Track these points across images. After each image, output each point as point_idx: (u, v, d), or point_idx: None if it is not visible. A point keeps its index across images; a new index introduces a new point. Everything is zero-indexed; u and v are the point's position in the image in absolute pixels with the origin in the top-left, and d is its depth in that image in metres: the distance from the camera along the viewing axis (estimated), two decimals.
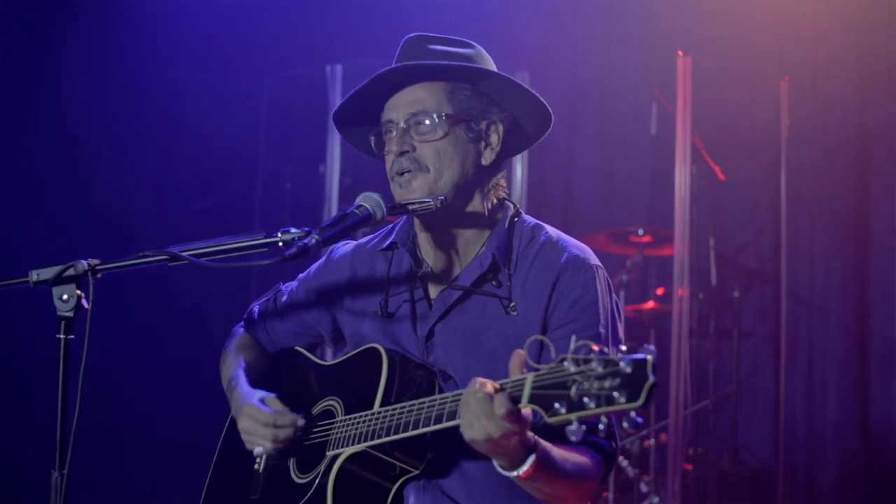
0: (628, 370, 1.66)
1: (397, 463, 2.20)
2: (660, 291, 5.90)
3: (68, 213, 5.75)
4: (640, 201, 6.37)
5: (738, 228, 6.20)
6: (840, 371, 5.92)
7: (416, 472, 2.22)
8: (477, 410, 1.85)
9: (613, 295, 2.34)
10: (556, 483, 2.05)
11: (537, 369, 1.79)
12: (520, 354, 1.87)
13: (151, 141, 6.10)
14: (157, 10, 6.09)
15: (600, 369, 1.68)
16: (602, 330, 2.24)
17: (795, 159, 5.92)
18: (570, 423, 1.70)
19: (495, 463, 1.95)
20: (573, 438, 1.70)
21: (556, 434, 2.03)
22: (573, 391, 1.70)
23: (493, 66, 2.37)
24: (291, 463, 2.39)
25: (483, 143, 2.33)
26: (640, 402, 1.64)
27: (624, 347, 1.73)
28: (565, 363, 1.73)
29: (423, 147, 2.27)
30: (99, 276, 2.10)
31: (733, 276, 6.00)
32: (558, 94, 6.40)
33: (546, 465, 1.97)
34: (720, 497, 5.58)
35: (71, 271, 2.08)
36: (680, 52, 5.31)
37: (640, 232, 5.71)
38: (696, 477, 5.54)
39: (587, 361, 1.70)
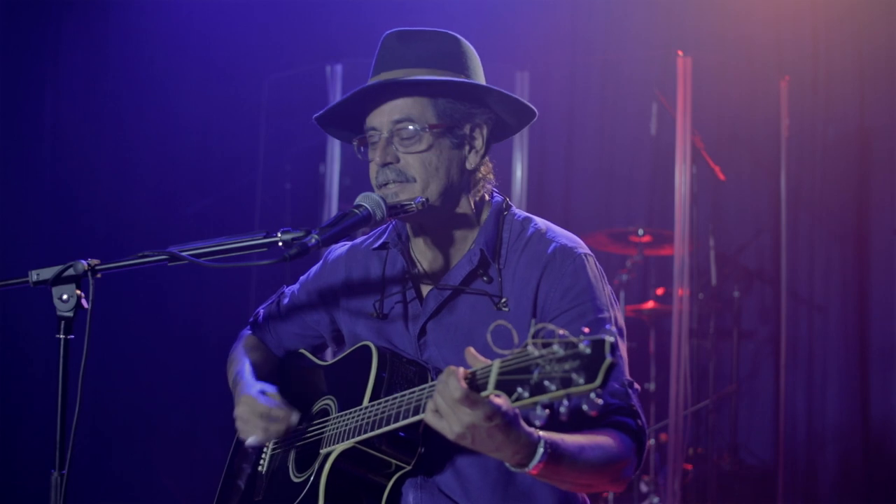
0: (588, 351, 1.64)
1: (389, 459, 2.20)
2: (660, 291, 5.90)
3: (68, 213, 5.76)
4: (640, 201, 6.37)
5: (738, 228, 6.20)
6: (840, 371, 5.92)
7: (409, 467, 2.22)
8: (439, 402, 1.85)
9: (607, 283, 2.31)
10: (580, 473, 2.02)
11: (504, 356, 1.77)
12: (469, 350, 1.87)
13: (151, 141, 6.11)
14: (157, 10, 6.09)
15: (561, 352, 1.67)
16: (602, 316, 2.22)
17: (795, 159, 5.93)
18: (533, 407, 1.68)
19: (506, 464, 1.93)
20: (537, 423, 1.68)
21: (577, 424, 2.01)
22: (535, 375, 1.69)
23: (475, 58, 2.35)
24: (291, 462, 2.40)
25: (468, 148, 2.31)
26: (598, 383, 1.62)
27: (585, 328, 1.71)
28: (529, 347, 1.72)
29: (407, 158, 2.25)
30: (99, 276, 2.10)
31: (733, 276, 6.00)
32: (558, 93, 6.41)
33: (561, 456, 1.95)
34: (720, 497, 5.57)
35: (71, 271, 2.08)
36: (680, 52, 5.31)
37: (640, 232, 5.71)
38: (696, 477, 5.54)
39: (548, 345, 1.69)
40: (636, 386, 2.23)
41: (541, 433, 1.92)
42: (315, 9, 6.26)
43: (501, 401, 1.79)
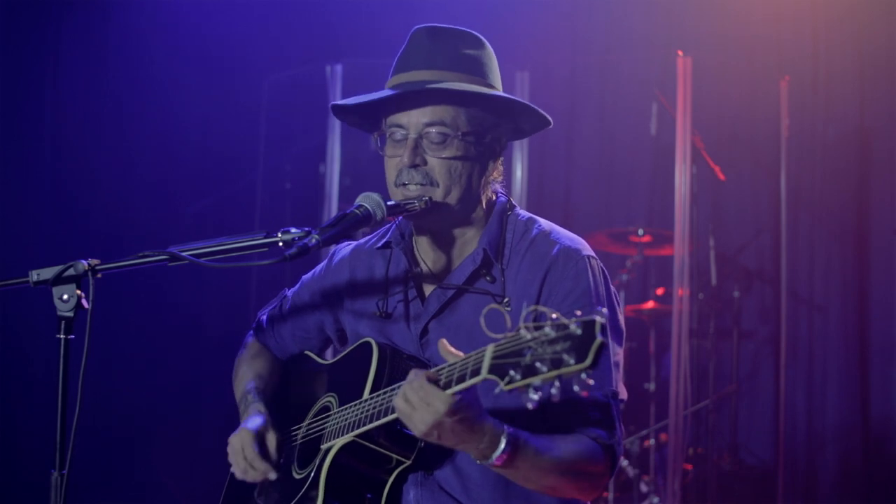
0: (578, 332, 1.66)
1: (389, 453, 2.21)
2: (660, 291, 5.90)
3: (68, 213, 5.75)
4: (640, 201, 6.37)
5: (738, 228, 6.20)
6: (840, 371, 5.92)
7: (409, 462, 2.22)
8: (405, 396, 1.93)
9: (610, 286, 2.32)
10: (543, 472, 2.05)
11: (498, 340, 1.80)
12: (442, 342, 1.96)
13: (151, 141, 6.11)
14: (157, 10, 6.09)
15: (553, 333, 1.69)
16: None
17: (795, 159, 5.93)
18: (525, 390, 1.71)
19: (471, 456, 1.97)
20: (529, 406, 1.70)
21: (556, 430, 2.05)
22: (527, 357, 1.71)
23: (495, 62, 2.37)
24: (293, 459, 2.41)
25: (489, 156, 2.33)
26: (588, 363, 1.64)
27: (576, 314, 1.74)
28: (521, 331, 1.74)
29: (434, 162, 2.25)
30: (99, 276, 2.11)
31: (733, 276, 6.00)
32: (558, 94, 6.40)
33: (525, 450, 1.98)
34: (720, 497, 5.57)
35: (71, 271, 2.08)
36: (680, 52, 5.31)
37: (640, 232, 5.71)
38: (696, 477, 5.54)
39: (540, 328, 1.71)
40: (621, 396, 2.24)
41: (506, 426, 1.96)
42: (315, 9, 6.26)
43: (464, 394, 1.86)
